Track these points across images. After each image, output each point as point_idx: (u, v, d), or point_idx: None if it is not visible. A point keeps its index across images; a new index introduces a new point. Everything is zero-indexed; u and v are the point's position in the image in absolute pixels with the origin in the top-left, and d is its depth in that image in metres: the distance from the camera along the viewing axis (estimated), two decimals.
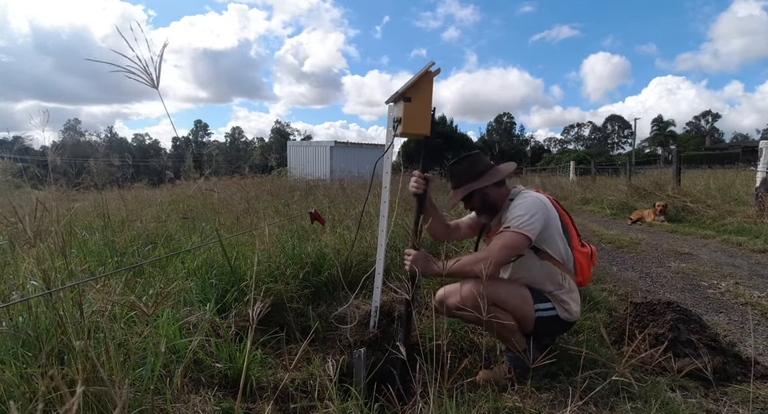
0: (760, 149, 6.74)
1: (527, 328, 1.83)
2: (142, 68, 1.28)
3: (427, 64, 1.86)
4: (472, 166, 1.93)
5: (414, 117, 1.89)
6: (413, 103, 1.88)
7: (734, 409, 1.66)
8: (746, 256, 4.70)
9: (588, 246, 2.00)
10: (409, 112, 1.88)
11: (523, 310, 1.79)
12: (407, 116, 1.88)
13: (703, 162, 33.11)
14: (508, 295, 1.77)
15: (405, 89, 1.85)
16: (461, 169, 1.94)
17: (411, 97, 1.87)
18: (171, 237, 3.40)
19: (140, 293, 2.03)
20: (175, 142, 73.61)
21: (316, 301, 2.66)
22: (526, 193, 1.87)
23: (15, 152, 2.65)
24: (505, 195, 1.93)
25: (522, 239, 1.69)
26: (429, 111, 1.90)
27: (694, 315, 2.26)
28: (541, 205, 1.77)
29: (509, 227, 1.71)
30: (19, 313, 1.50)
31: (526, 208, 1.74)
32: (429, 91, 1.88)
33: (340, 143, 20.64)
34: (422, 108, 1.89)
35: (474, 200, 1.94)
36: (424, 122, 1.90)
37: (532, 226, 1.70)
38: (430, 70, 1.86)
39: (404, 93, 1.86)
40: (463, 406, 1.56)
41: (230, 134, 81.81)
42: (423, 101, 1.88)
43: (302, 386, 1.75)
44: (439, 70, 1.88)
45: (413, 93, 1.87)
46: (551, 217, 1.80)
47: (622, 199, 9.25)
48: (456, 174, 1.95)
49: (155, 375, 1.41)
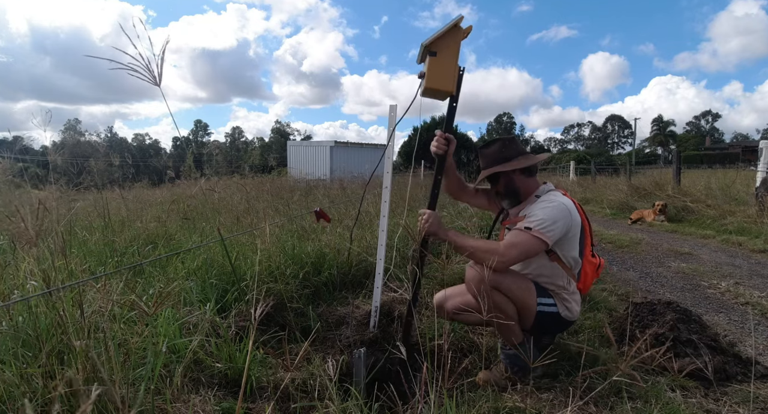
0: (761, 149, 6.74)
1: (527, 321, 1.83)
2: (145, 66, 1.29)
3: (456, 17, 1.74)
4: (502, 149, 1.92)
5: (439, 71, 1.74)
6: (439, 58, 1.74)
7: (734, 409, 1.66)
8: (746, 255, 4.70)
9: (598, 258, 1.98)
10: (433, 67, 1.74)
11: (526, 301, 1.79)
12: (432, 70, 1.74)
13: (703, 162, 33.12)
14: (513, 283, 1.77)
15: (430, 42, 1.72)
16: (490, 150, 1.94)
17: (437, 51, 1.74)
18: (171, 237, 3.41)
19: (140, 293, 2.03)
20: (176, 141, 73.65)
21: (316, 301, 2.66)
22: (554, 196, 1.84)
23: (16, 152, 2.65)
24: (533, 188, 1.92)
25: (539, 244, 1.70)
26: (455, 67, 1.77)
27: (694, 315, 2.26)
28: (566, 213, 1.75)
29: (530, 229, 1.70)
30: (19, 313, 1.50)
31: (551, 213, 1.73)
32: (457, 46, 1.74)
33: (340, 143, 20.65)
34: (448, 62, 1.74)
35: (500, 184, 1.93)
36: (449, 78, 1.76)
37: (552, 232, 1.70)
38: (461, 25, 1.74)
39: (429, 46, 1.73)
40: (463, 406, 1.56)
41: (230, 134, 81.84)
42: (449, 56, 1.74)
43: (302, 386, 1.75)
44: (471, 28, 1.75)
45: (439, 46, 1.73)
46: (574, 225, 1.78)
47: (622, 199, 9.24)
48: (485, 155, 1.94)
49: (155, 375, 1.40)
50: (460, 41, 1.75)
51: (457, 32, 1.74)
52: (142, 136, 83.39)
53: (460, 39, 1.75)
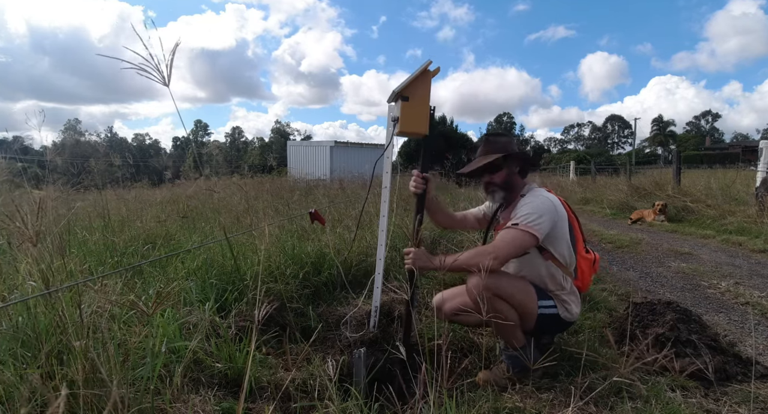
0: (761, 149, 6.74)
1: (529, 324, 1.83)
2: (154, 66, 1.29)
3: (424, 62, 1.84)
4: (510, 142, 1.95)
5: (412, 116, 1.86)
6: (411, 102, 1.86)
7: (734, 409, 1.65)
8: (746, 255, 4.70)
9: (592, 253, 1.99)
10: (406, 111, 1.86)
11: (527, 306, 1.78)
12: (405, 115, 1.86)
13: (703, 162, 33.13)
14: (514, 289, 1.76)
15: (402, 88, 1.83)
16: (500, 139, 1.96)
17: (408, 96, 1.85)
18: (171, 237, 3.40)
19: (140, 293, 2.03)
20: (176, 141, 73.61)
21: (316, 301, 2.65)
22: (539, 192, 1.86)
23: (15, 152, 2.65)
24: (521, 187, 1.94)
25: (529, 238, 1.69)
26: (427, 110, 1.88)
27: (694, 315, 2.26)
28: (551, 207, 1.77)
29: (517, 224, 1.71)
30: (18, 314, 1.50)
31: (535, 207, 1.74)
32: (427, 91, 1.86)
33: (340, 143, 20.64)
34: (420, 107, 1.86)
35: (499, 174, 1.91)
36: (422, 121, 1.88)
37: (539, 226, 1.70)
38: (429, 69, 1.84)
39: (401, 92, 1.84)
40: (463, 406, 1.56)
41: (230, 134, 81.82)
42: (421, 100, 1.86)
43: (302, 386, 1.75)
44: (439, 69, 1.86)
45: (411, 92, 1.85)
46: (560, 218, 1.79)
47: (622, 199, 9.23)
48: (492, 142, 1.95)
49: (155, 375, 1.40)
50: (430, 83, 1.86)
51: (427, 76, 1.85)
52: (142, 136, 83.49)
53: (430, 81, 1.86)
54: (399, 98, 1.87)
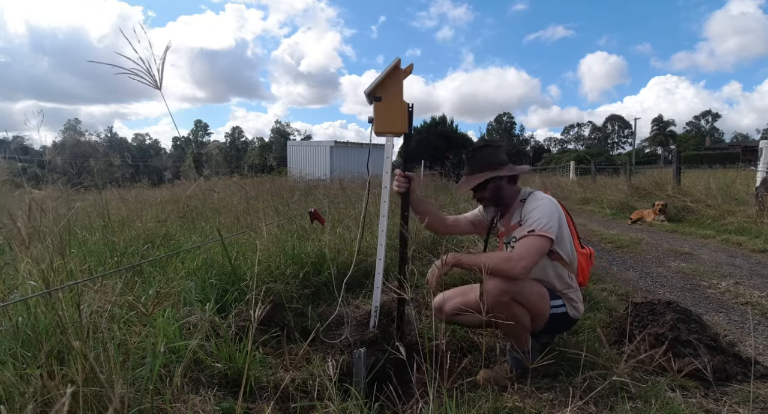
0: (761, 149, 6.74)
1: (539, 325, 1.84)
2: (146, 70, 1.29)
3: (394, 60, 1.80)
4: (494, 154, 1.89)
5: (386, 116, 1.83)
6: (384, 102, 1.82)
7: (734, 409, 1.65)
8: (746, 255, 4.70)
9: (587, 247, 2.02)
10: (380, 111, 1.83)
11: (541, 308, 1.80)
12: (379, 115, 1.83)
13: (703, 162, 33.13)
14: (531, 293, 1.77)
15: (372, 89, 1.80)
16: (481, 155, 1.90)
17: (381, 96, 1.81)
18: (171, 237, 3.40)
19: (139, 293, 2.03)
20: (176, 141, 73.64)
21: (316, 301, 2.65)
22: (539, 195, 1.87)
23: (14, 152, 2.65)
24: (516, 194, 1.93)
25: (546, 242, 1.71)
26: (402, 108, 1.83)
27: (694, 315, 2.26)
28: (556, 207, 1.79)
29: (534, 231, 1.71)
30: (18, 313, 1.50)
31: (543, 211, 1.75)
32: (399, 89, 1.81)
33: (340, 143, 20.64)
34: (394, 106, 1.82)
35: (487, 190, 1.90)
36: (397, 120, 1.84)
37: (552, 228, 1.72)
38: (400, 67, 1.80)
39: (372, 92, 1.81)
40: (463, 406, 1.56)
41: (230, 134, 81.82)
42: (394, 99, 1.82)
43: (302, 386, 1.75)
44: (412, 66, 1.81)
45: (382, 92, 1.81)
46: (563, 217, 1.83)
47: (622, 199, 9.24)
48: (475, 159, 1.91)
49: (155, 375, 1.40)
50: (402, 81, 1.81)
51: (398, 74, 1.81)
52: (142, 136, 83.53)
53: (402, 79, 1.81)
54: (372, 98, 1.84)
